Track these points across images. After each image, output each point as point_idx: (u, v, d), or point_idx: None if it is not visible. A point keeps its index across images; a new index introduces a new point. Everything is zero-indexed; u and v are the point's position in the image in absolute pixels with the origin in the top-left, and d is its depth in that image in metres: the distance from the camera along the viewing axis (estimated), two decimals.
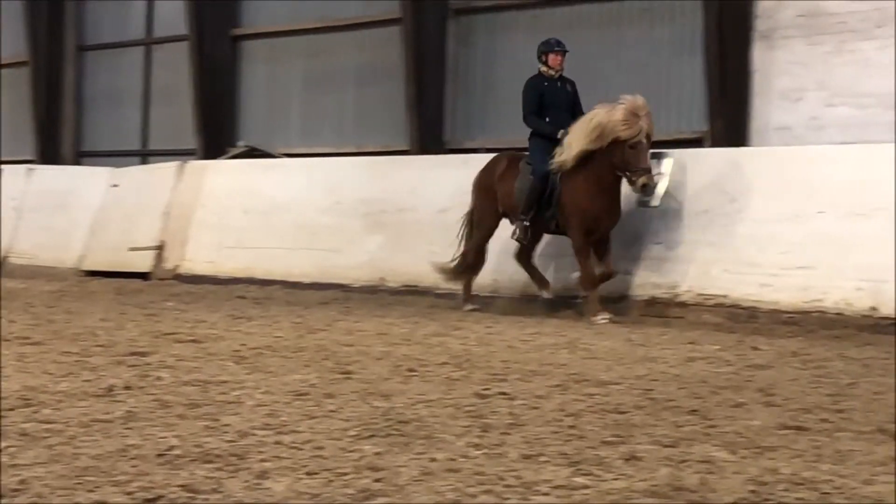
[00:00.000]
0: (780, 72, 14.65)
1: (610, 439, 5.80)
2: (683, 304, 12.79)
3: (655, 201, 13.60)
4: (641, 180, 12.35)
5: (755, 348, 10.16)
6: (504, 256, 14.19)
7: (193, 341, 9.45)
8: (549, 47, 13.45)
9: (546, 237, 13.82)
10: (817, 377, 8.39)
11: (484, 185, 14.00)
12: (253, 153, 20.21)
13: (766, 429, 6.19)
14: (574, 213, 12.86)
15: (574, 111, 13.32)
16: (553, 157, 12.90)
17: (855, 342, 10.80)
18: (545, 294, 13.59)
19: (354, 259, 16.19)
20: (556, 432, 5.96)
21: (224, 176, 18.63)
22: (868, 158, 12.53)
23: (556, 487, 4.79)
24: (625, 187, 12.78)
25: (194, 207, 18.35)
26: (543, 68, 13.47)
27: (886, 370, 8.85)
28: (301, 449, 5.42)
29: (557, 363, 8.81)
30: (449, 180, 15.83)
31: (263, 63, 21.64)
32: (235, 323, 11.26)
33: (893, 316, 11.32)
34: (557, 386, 7.59)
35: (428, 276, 15.22)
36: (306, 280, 16.28)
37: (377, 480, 4.84)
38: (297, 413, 6.35)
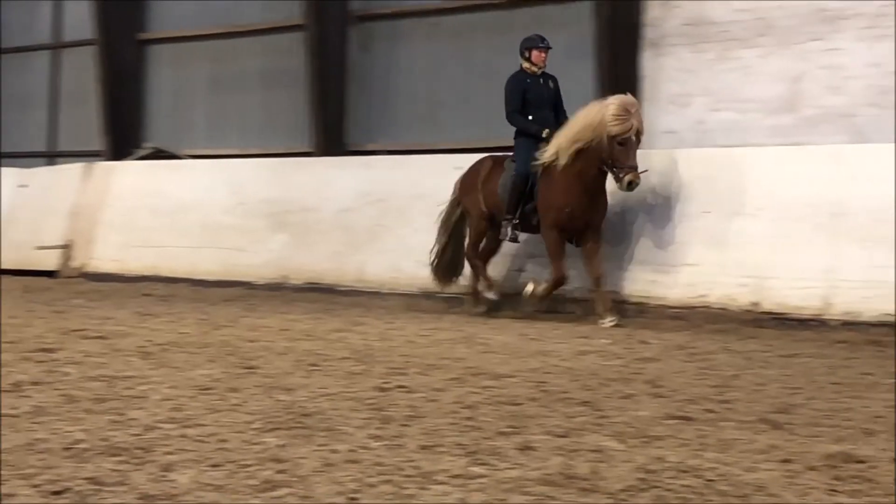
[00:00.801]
0: (667, 78, 14.79)
1: (505, 430, 5.81)
2: (576, 300, 12.86)
3: None
4: (628, 177, 11.76)
5: (643, 342, 10.25)
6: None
7: (100, 338, 9.34)
8: (533, 43, 12.90)
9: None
10: (702, 369, 8.47)
11: (468, 187, 13.41)
12: (159, 155, 20.02)
13: (654, 419, 6.24)
14: (548, 210, 12.40)
15: (557, 109, 12.88)
16: (537, 155, 12.38)
17: (738, 336, 10.93)
18: (491, 294, 13.13)
19: (258, 257, 16.12)
20: (454, 424, 5.96)
21: (131, 177, 18.46)
22: (750, 161, 12.67)
23: (454, 477, 4.79)
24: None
25: (101, 207, 18.18)
26: (526, 65, 12.88)
27: (768, 363, 8.97)
28: (206, 442, 5.37)
29: (455, 357, 8.82)
30: (350, 181, 15.85)
31: (169, 67, 21.46)
32: (142, 320, 11.15)
33: (775, 311, 11.46)
34: (455, 379, 7.59)
35: (329, 273, 15.21)
36: (211, 278, 16.19)
37: (280, 472, 4.82)
38: (201, 407, 6.30)
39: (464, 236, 13.57)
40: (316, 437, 5.53)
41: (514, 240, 12.90)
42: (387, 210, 15.27)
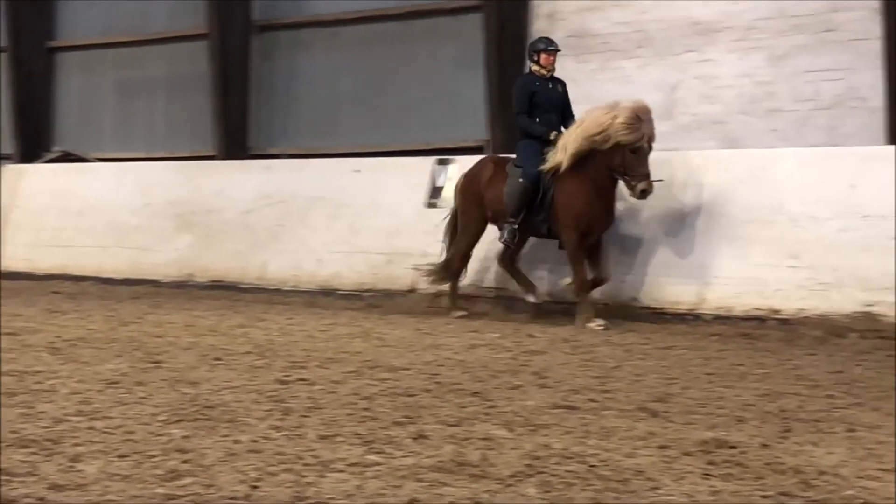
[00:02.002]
0: None
1: (400, 420, 5.81)
2: (467, 297, 12.88)
3: (444, 203, 13.67)
4: (641, 185, 11.02)
5: (531, 336, 10.29)
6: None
7: (10, 334, 9.19)
8: (542, 46, 12.07)
9: (531, 240, 12.47)
10: (586, 361, 8.53)
11: (470, 190, 12.47)
12: (68, 158, 19.72)
13: (540, 408, 6.27)
14: (569, 217, 11.51)
15: (564, 112, 12.05)
16: (544, 158, 11.61)
17: (619, 329, 11.01)
18: (532, 298, 12.14)
19: (164, 256, 15.97)
20: (351, 414, 5.95)
21: (40, 179, 18.19)
22: None
23: (351, 465, 4.79)
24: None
25: (11, 208, 17.91)
26: (535, 68, 12.03)
27: (646, 354, 9.06)
28: (113, 434, 5.32)
29: (353, 351, 8.80)
30: (252, 184, 15.77)
31: (78, 73, 21.13)
32: (51, 316, 10.99)
33: (652, 306, 11.57)
34: (353, 372, 7.58)
35: (233, 271, 15.11)
36: (118, 276, 16.01)
37: (184, 462, 4.78)
38: (109, 400, 6.23)
39: (477, 239, 12.59)
40: (219, 429, 5.49)
41: (510, 244, 12.03)
42: (287, 211, 15.20)
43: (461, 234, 12.53)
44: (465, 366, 8.05)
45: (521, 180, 11.74)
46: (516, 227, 11.85)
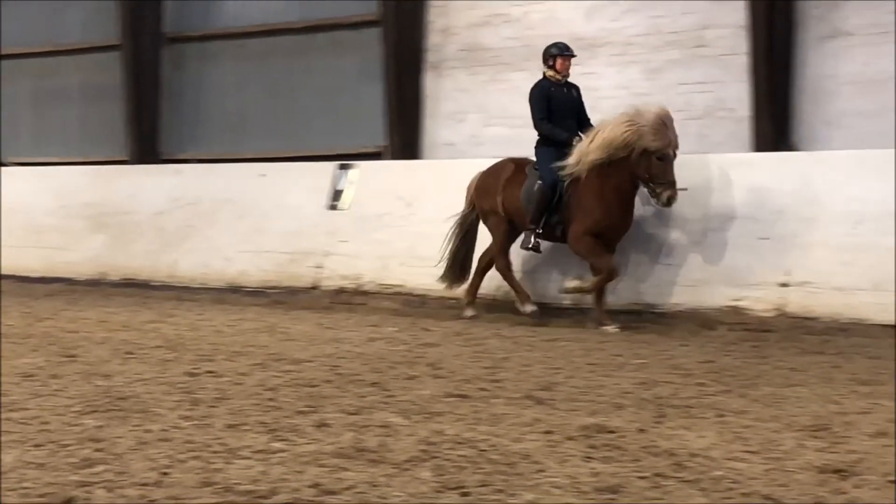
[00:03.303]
0: (446, 97, 14.89)
1: (303, 409, 5.79)
2: (366, 293, 12.87)
3: (345, 205, 13.65)
4: (667, 193, 10.39)
5: (426, 329, 10.31)
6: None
7: None
8: (559, 51, 11.33)
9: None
10: (477, 353, 8.56)
11: (487, 190, 11.71)
12: None
13: (435, 397, 6.29)
14: (586, 222, 10.80)
15: (580, 116, 11.37)
16: (562, 164, 10.92)
17: (508, 323, 11.06)
18: (526, 308, 11.31)
19: (79, 256, 15.76)
20: (257, 404, 5.92)
21: None
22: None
23: (257, 452, 4.76)
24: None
25: None
26: (550, 73, 11.32)
27: (533, 346, 9.11)
28: (29, 424, 5.24)
29: (258, 345, 8.75)
30: (163, 187, 15.67)
31: None
32: None
33: (540, 301, 11.62)
34: (258, 364, 7.54)
35: (144, 270, 14.95)
36: (34, 275, 15.74)
37: (98, 450, 4.73)
38: (25, 392, 6.14)
39: (475, 240, 11.97)
40: (131, 419, 5.43)
41: (536, 249, 11.21)
42: (197, 213, 15.08)
43: (493, 234, 11.72)
44: (364, 358, 8.05)
45: (539, 184, 11.10)
46: (539, 232, 11.12)
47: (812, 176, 11.01)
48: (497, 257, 11.64)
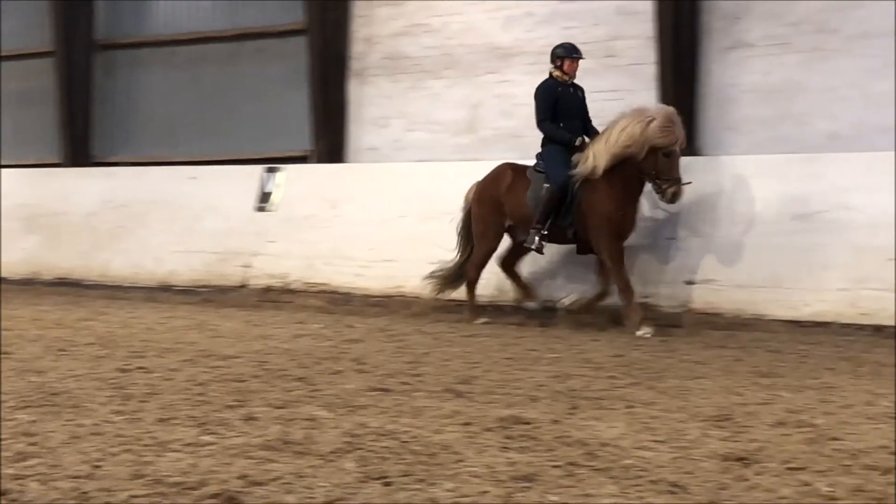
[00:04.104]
0: (370, 103, 14.86)
1: (232, 403, 5.75)
2: (293, 291, 12.82)
3: (272, 207, 13.58)
4: (672, 189, 10.20)
5: (350, 326, 10.30)
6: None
7: None
8: (568, 52, 10.89)
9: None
10: (399, 348, 8.57)
11: (489, 198, 11.15)
12: None
13: (359, 391, 6.27)
14: (603, 223, 10.45)
15: (584, 118, 11.00)
16: (570, 164, 10.58)
17: (429, 319, 11.09)
18: (531, 304, 11.18)
19: (12, 255, 15.54)
20: (187, 399, 5.87)
21: None
22: (437, 173, 12.89)
23: (187, 445, 4.72)
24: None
25: None
26: (557, 73, 10.89)
27: (453, 342, 9.13)
28: None
29: (188, 342, 8.69)
30: (96, 189, 15.54)
31: None
32: None
33: (458, 299, 11.65)
34: (188, 360, 7.48)
35: (77, 269, 14.78)
36: None
37: (31, 444, 4.67)
38: None
39: (496, 247, 11.34)
40: (64, 414, 5.36)
41: (540, 250, 10.77)
42: (128, 214, 14.94)
43: (478, 243, 11.24)
44: (290, 354, 8.01)
45: (548, 186, 10.63)
46: (545, 233, 10.67)
47: (714, 179, 11.15)
48: (472, 267, 11.22)
